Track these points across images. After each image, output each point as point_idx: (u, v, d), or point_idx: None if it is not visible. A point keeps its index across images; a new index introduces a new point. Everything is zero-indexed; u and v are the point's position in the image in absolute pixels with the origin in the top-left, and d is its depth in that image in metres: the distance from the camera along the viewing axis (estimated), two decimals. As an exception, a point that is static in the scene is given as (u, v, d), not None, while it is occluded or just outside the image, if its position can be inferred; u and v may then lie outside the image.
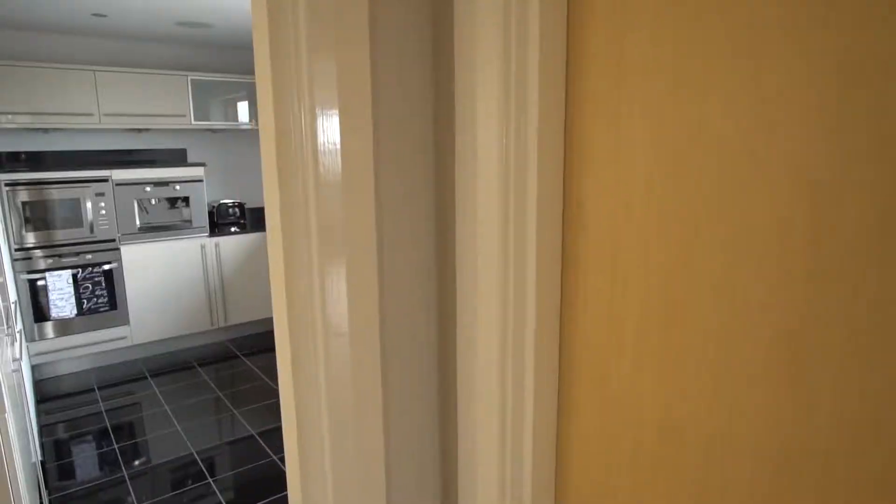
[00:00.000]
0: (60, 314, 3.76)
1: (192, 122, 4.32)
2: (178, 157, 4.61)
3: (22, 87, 3.68)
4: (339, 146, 0.67)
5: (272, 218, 0.68)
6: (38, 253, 3.70)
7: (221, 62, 4.69)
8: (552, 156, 0.66)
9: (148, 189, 4.04)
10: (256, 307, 4.62)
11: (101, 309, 3.91)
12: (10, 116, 3.67)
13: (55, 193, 3.70)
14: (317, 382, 0.71)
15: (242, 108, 4.60)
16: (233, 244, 4.42)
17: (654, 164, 0.57)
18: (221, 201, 4.74)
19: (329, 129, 0.67)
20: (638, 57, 0.57)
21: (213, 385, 3.82)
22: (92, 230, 3.85)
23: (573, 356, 0.69)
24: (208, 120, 4.41)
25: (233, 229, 4.53)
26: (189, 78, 4.25)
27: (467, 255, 0.72)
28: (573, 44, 0.63)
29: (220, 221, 4.69)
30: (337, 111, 0.67)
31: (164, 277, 4.15)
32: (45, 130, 3.94)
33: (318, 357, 0.71)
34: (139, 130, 4.38)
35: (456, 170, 0.72)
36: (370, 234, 0.71)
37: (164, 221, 4.20)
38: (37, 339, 3.76)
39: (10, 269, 3.62)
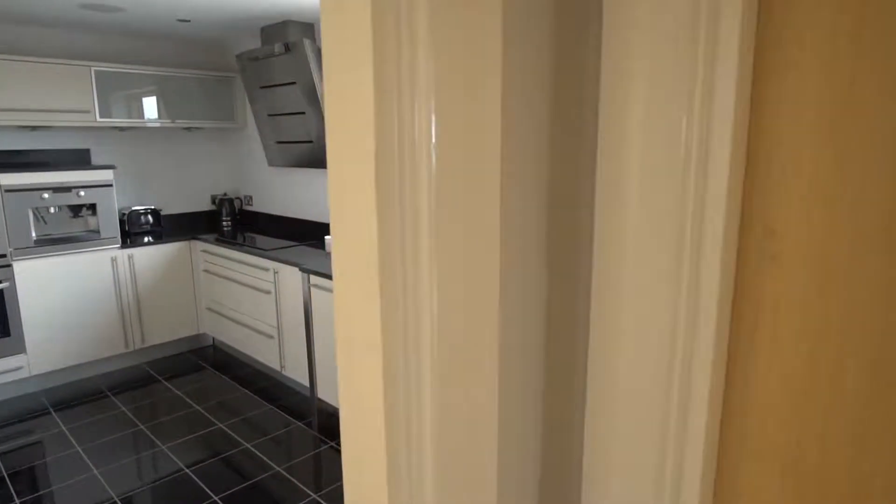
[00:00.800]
0: (-64, 345, 3.17)
1: (98, 118, 3.82)
2: (80, 159, 4.07)
3: None
4: (454, 146, 0.50)
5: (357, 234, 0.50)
6: None
7: (132, 52, 4.19)
8: (735, 169, 0.52)
9: (45, 196, 3.51)
10: (178, 325, 4.18)
11: (-10, 336, 3.34)
12: None
13: (-74, 202, 3.11)
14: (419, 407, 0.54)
15: (150, 105, 4.14)
16: (148, 256, 3.96)
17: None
18: (133, 208, 4.24)
19: (445, 126, 0.49)
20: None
21: (131, 416, 3.38)
22: (-25, 244, 3.28)
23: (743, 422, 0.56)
24: (115, 117, 3.92)
25: (147, 239, 4.06)
26: (93, 69, 3.75)
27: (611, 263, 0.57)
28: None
29: (132, 231, 4.19)
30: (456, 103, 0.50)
31: (67, 296, 3.63)
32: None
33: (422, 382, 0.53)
34: (32, 128, 3.81)
35: (601, 170, 0.57)
36: (495, 256, 0.54)
37: (67, 232, 3.68)
38: None
39: None
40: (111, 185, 3.77)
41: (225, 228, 4.61)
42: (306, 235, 4.10)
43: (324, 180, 4.00)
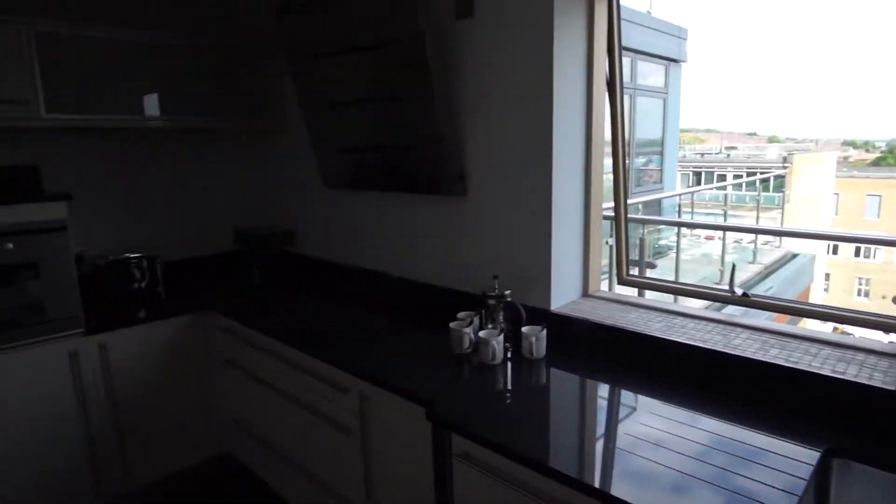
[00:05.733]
0: None
1: (43, 114, 2.24)
2: (21, 182, 2.49)
3: None
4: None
5: None
6: None
7: (96, 5, 2.60)
8: None
9: (-62, 255, 1.93)
10: (183, 448, 2.58)
11: None
12: None
13: None
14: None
15: (133, 92, 2.58)
16: (133, 342, 2.38)
17: None
18: (110, 257, 2.66)
19: None
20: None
21: None
22: None
23: None
24: (73, 112, 2.35)
25: (133, 314, 2.49)
26: (34, 31, 2.18)
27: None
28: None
29: (108, 298, 2.61)
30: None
31: (-13, 428, 2.06)
32: None
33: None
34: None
35: None
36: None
37: (-18, 317, 2.11)
38: None
39: None
40: (64, 228, 2.19)
41: (256, 278, 3.02)
42: (395, 307, 2.48)
43: (445, 212, 2.38)
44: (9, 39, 2.14)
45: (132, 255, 2.71)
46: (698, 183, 17.89)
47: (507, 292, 1.88)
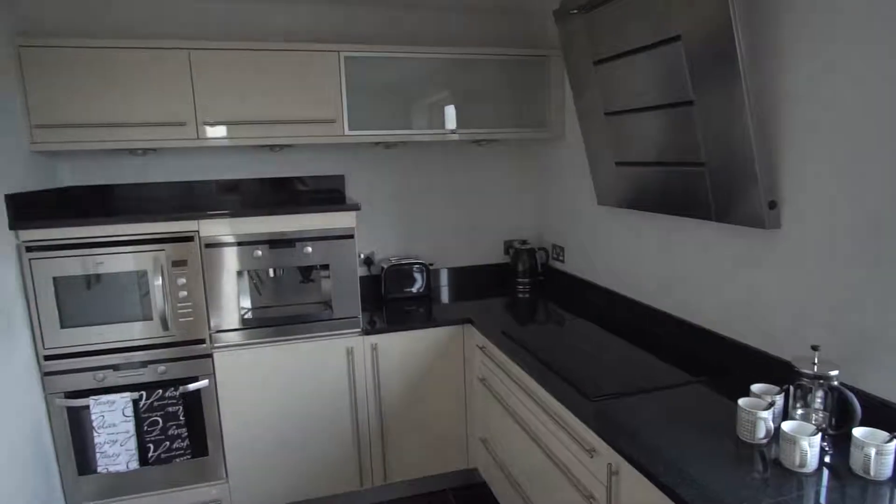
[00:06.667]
0: (112, 466, 2.19)
1: (346, 130, 2.50)
2: (328, 191, 2.86)
3: (80, 81, 2.19)
4: None
5: None
6: (77, 363, 2.16)
7: (389, 28, 2.81)
8: None
9: (259, 253, 2.29)
10: (436, 454, 2.63)
11: (179, 456, 2.26)
12: (67, 132, 2.20)
13: (105, 263, 2.13)
14: None
15: (426, 109, 2.68)
16: (399, 345, 2.49)
17: None
18: (393, 261, 2.87)
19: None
20: None
21: None
22: (166, 326, 2.21)
23: None
24: (372, 127, 2.55)
25: (408, 317, 2.61)
26: (342, 55, 2.44)
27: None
28: None
29: (388, 296, 2.83)
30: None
31: (282, 404, 2.39)
32: (137, 153, 2.42)
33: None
34: (275, 148, 2.71)
35: None
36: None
37: (285, 305, 2.45)
38: (80, 503, 2.24)
39: (41, 390, 2.13)
40: (352, 237, 2.40)
41: (520, 293, 2.92)
42: (665, 351, 2.07)
43: (735, 246, 1.91)
44: (325, 65, 2.42)
45: (413, 261, 2.88)
46: None
47: (834, 373, 1.34)
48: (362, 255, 2.95)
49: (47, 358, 2.12)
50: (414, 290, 2.88)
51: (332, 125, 2.48)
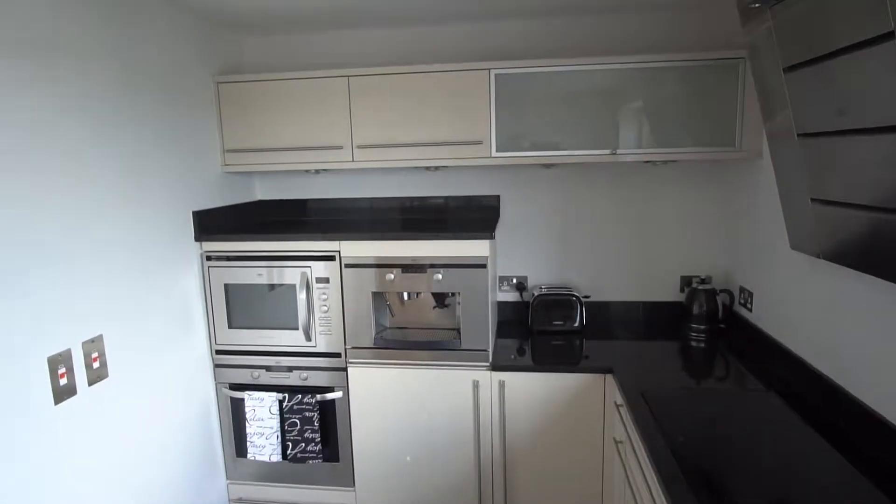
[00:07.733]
0: (259, 455, 2.45)
1: (493, 152, 2.36)
2: (482, 212, 2.76)
3: (262, 110, 2.47)
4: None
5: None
6: (238, 361, 2.45)
7: (546, 37, 2.54)
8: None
9: (391, 276, 2.31)
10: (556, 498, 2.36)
11: (313, 458, 2.42)
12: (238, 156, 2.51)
13: (265, 275, 2.37)
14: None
15: (594, 127, 2.38)
16: (529, 388, 2.28)
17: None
18: (544, 289, 2.66)
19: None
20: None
21: None
22: (309, 337, 2.38)
23: None
24: (522, 149, 2.38)
25: (549, 356, 2.39)
26: (492, 72, 2.30)
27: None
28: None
29: (535, 328, 2.63)
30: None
31: (407, 422, 2.39)
32: (311, 172, 2.65)
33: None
34: (430, 168, 2.71)
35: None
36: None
37: (417, 328, 2.43)
38: (236, 479, 2.56)
39: (212, 379, 2.48)
40: (484, 266, 2.26)
41: (692, 341, 2.45)
42: (887, 472, 1.50)
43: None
44: (474, 84, 2.32)
45: (566, 292, 2.63)
46: None
47: None
48: (514, 280, 2.79)
49: (218, 352, 2.45)
50: (564, 323, 2.62)
51: (480, 147, 2.37)
